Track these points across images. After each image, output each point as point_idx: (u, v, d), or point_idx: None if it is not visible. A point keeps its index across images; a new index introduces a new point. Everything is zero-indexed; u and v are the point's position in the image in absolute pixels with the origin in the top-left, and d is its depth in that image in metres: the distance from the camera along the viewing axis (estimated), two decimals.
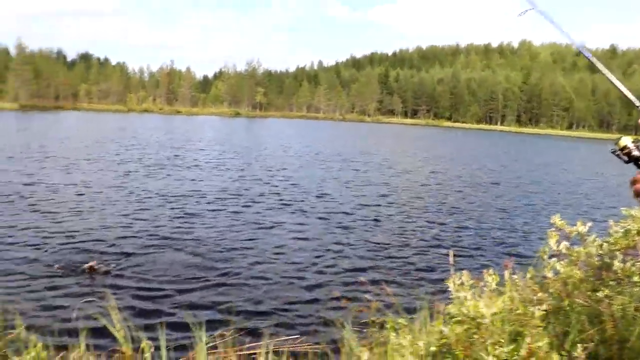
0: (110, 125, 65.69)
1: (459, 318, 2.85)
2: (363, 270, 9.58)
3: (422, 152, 44.97)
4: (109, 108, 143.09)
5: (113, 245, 10.47)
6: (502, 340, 2.90)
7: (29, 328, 5.76)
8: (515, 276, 3.86)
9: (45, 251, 9.81)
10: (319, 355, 5.52)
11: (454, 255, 5.13)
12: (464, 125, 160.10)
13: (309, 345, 6.09)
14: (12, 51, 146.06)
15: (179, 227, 12.31)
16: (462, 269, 3.69)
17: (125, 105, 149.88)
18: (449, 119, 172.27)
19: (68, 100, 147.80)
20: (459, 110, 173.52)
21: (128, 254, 9.77)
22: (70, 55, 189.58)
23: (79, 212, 13.43)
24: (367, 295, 7.93)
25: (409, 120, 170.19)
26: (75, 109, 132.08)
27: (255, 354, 5.33)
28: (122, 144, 36.94)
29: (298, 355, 5.74)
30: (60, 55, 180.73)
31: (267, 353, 5.12)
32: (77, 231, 11.41)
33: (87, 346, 5.29)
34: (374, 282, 8.50)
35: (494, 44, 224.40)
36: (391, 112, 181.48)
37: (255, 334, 6.37)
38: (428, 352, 2.68)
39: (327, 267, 9.70)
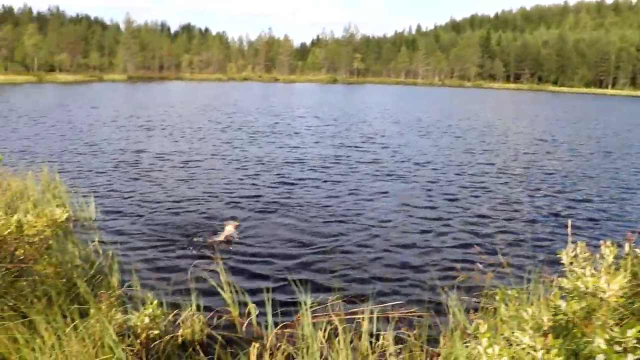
0: (212, 94, 67.75)
1: (577, 294, 2.69)
2: (470, 240, 9.32)
3: (527, 118, 42.93)
4: (209, 77, 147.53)
5: (219, 211, 10.85)
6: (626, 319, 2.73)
7: (144, 288, 6.12)
8: (638, 250, 3.64)
9: (154, 217, 10.32)
10: (424, 323, 5.49)
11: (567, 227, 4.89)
12: (571, 89, 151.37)
13: (413, 312, 6.08)
14: (122, 26, 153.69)
15: (282, 195, 12.55)
16: (575, 242, 3.51)
17: (226, 74, 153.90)
18: (555, 83, 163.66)
19: (171, 71, 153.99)
20: (566, 74, 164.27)
21: (239, 221, 10.06)
22: (174, 27, 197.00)
23: (184, 180, 13.99)
24: (475, 266, 7.78)
25: (511, 85, 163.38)
26: (178, 79, 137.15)
27: (359, 319, 5.40)
28: (223, 112, 38.09)
29: (402, 322, 5.73)
30: (164, 28, 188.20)
31: (370, 318, 5.17)
32: (183, 198, 11.90)
33: (198, 307, 5.57)
34: (482, 253, 8.30)
35: (608, 1, 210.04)
36: (492, 77, 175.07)
37: (358, 300, 6.42)
38: (547, 327, 2.56)
39: (433, 236, 9.54)
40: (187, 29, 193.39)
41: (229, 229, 8.81)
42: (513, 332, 2.97)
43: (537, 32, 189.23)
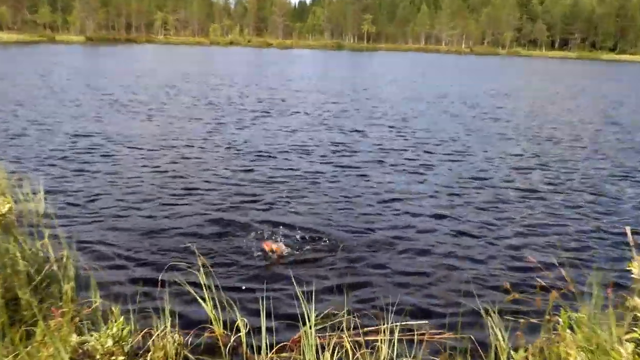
0: (190, 61, 67.64)
1: None
2: (519, 252, 9.01)
3: (582, 95, 41.95)
4: (188, 40, 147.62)
5: (195, 208, 10.73)
6: None
7: (106, 299, 6.00)
8: None
9: (118, 214, 10.17)
10: (458, 349, 5.36)
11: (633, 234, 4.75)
12: (634, 57, 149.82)
13: (444, 334, 5.94)
14: None
15: (278, 189, 12.31)
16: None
17: (208, 37, 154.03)
18: (612, 49, 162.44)
19: (141, 32, 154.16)
20: (627, 38, 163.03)
21: (223, 223, 9.89)
22: None
23: (155, 170, 13.75)
24: (530, 282, 7.60)
25: (556, 53, 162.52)
26: (149, 42, 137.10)
27: (376, 340, 5.26)
28: (204, 84, 38.06)
29: (432, 347, 5.60)
30: None
31: (390, 340, 5.02)
32: (154, 193, 11.75)
33: (173, 323, 5.44)
34: (536, 268, 8.10)
35: None
36: (533, 43, 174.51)
37: (375, 317, 6.28)
38: None
39: (468, 244, 9.29)
40: None
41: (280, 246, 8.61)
42: None
43: None
